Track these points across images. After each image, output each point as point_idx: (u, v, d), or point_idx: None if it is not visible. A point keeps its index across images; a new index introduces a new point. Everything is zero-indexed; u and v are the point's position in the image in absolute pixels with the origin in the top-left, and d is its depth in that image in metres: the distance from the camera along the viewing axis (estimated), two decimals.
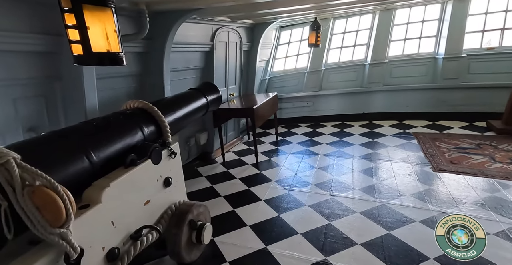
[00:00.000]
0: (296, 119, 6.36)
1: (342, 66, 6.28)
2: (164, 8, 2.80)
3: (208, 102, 3.18)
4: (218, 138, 4.47)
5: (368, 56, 6.04)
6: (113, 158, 1.80)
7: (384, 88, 5.86)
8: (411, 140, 4.61)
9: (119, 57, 1.46)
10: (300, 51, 6.48)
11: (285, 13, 4.28)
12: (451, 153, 3.88)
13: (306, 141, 5.15)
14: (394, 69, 5.90)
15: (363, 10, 5.79)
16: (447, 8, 5.41)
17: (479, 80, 5.19)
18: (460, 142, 4.20)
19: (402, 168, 3.69)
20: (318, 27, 5.09)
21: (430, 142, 4.32)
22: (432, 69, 5.63)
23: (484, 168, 3.36)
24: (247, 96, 5.31)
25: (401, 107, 5.79)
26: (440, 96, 5.45)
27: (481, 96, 5.11)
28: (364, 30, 6.14)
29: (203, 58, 4.18)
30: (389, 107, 5.88)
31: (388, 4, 5.38)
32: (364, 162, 4.01)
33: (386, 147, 4.47)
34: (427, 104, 5.60)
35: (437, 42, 5.63)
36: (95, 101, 2.42)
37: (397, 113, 5.78)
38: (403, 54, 5.93)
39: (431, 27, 5.71)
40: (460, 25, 5.25)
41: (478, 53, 5.25)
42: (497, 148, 3.86)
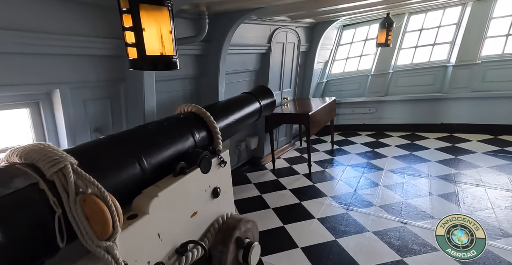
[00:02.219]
0: (355, 126, 5.74)
1: (416, 68, 5.43)
2: (224, 8, 2.70)
3: (262, 107, 2.99)
4: (269, 144, 4.25)
5: (452, 56, 5.08)
6: (164, 165, 1.72)
7: (472, 94, 4.84)
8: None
9: (173, 61, 1.34)
10: (364, 51, 5.84)
11: (351, 9, 3.82)
12: None
13: (367, 153, 4.55)
14: (489, 71, 4.82)
15: (450, 2, 4.89)
16: None
17: None
18: None
19: (503, 197, 2.88)
20: (390, 24, 4.45)
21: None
22: None
23: None
24: (302, 100, 4.97)
25: (496, 118, 4.69)
26: None
27: None
28: (449, 25, 5.20)
29: (259, 60, 4.02)
30: (478, 117, 4.82)
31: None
32: (445, 184, 3.28)
33: (476, 167, 3.61)
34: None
35: None
36: (154, 103, 2.44)
37: (491, 126, 4.69)
38: (504, 53, 4.80)
39: None
40: None
41: None
42: None
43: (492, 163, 3.65)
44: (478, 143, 4.36)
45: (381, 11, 4.55)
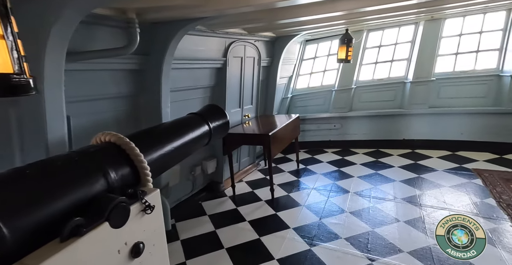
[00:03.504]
0: (321, 143, 5.56)
1: (377, 84, 5.45)
2: (161, 17, 2.31)
3: (212, 129, 2.58)
4: (229, 166, 3.82)
5: (410, 73, 5.17)
6: (45, 226, 1.19)
7: (429, 110, 4.91)
8: (472, 180, 3.59)
9: (16, 82, 0.85)
10: (327, 67, 5.78)
11: (310, 23, 3.66)
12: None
13: (333, 172, 4.32)
14: (443, 88, 4.95)
15: (404, 21, 5.01)
16: None
17: None
18: None
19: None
20: (350, 40, 4.39)
21: (503, 185, 3.30)
22: (495, 90, 4.61)
23: None
24: (265, 118, 4.66)
25: (453, 134, 4.77)
26: (508, 123, 4.38)
27: None
28: (405, 43, 5.32)
29: (214, 75, 3.66)
30: (437, 133, 4.88)
31: (436, 13, 4.56)
32: (411, 208, 3.09)
33: (439, 187, 3.51)
34: (489, 132, 4.53)
35: (501, 57, 4.64)
36: (63, 132, 1.90)
37: (448, 142, 4.76)
38: (454, 71, 4.97)
39: (489, 40, 4.75)
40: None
41: None
42: None
43: (453, 182, 3.58)
44: (438, 160, 4.35)
45: (341, 27, 4.48)
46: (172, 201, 3.32)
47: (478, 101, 4.73)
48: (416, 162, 4.36)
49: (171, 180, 3.10)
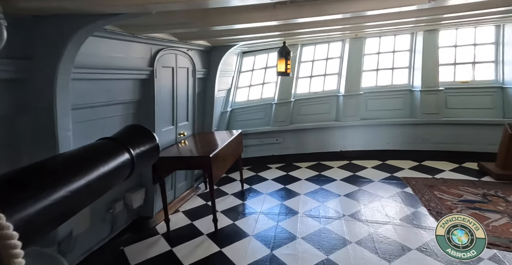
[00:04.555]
0: (264, 158, 5.33)
1: (313, 97, 5.59)
2: (41, 7, 1.64)
3: (134, 157, 1.96)
4: (160, 196, 3.16)
5: (341, 87, 5.47)
6: None
7: (360, 122, 5.24)
8: (404, 189, 3.83)
9: None
10: (266, 79, 5.68)
11: (247, 33, 3.41)
12: (459, 209, 3.14)
13: (280, 191, 4.08)
14: (370, 101, 5.37)
15: (332, 37, 5.30)
16: (417, 39, 5.17)
17: (459, 115, 4.85)
18: (462, 192, 3.53)
19: (411, 235, 2.78)
20: (288, 53, 4.34)
21: (428, 192, 3.58)
22: (409, 103, 5.21)
23: (511, 234, 2.61)
24: (204, 135, 4.16)
25: (381, 144, 5.17)
26: (422, 133, 4.96)
27: (465, 133, 4.72)
28: (335, 58, 5.64)
29: (139, 87, 3.02)
30: (369, 144, 5.22)
31: (359, 32, 4.94)
32: (359, 226, 3.03)
33: (379, 198, 3.61)
34: (408, 142, 5.06)
35: (410, 74, 5.29)
36: None
37: (378, 151, 5.13)
38: (377, 85, 5.47)
39: (403, 58, 5.40)
40: (433, 57, 4.98)
41: (453, 86, 4.97)
42: (507, 200, 3.25)
43: (389, 192, 3.76)
44: (373, 170, 4.60)
45: (277, 39, 4.41)
46: (80, 253, 2.48)
47: (397, 113, 5.27)
48: (354, 173, 4.50)
49: (76, 226, 2.30)
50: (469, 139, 4.66)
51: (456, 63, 5.08)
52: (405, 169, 4.51)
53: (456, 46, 5.09)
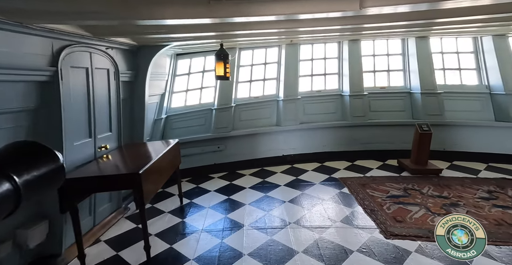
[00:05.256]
0: (206, 168, 4.98)
1: (254, 102, 5.52)
2: None
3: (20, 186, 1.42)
4: (73, 227, 2.53)
5: (280, 92, 5.54)
6: None
7: (300, 126, 5.38)
8: (342, 189, 4.01)
9: None
10: (204, 83, 5.37)
11: (178, 31, 3.07)
12: (388, 205, 3.41)
13: (224, 203, 3.81)
14: (307, 105, 5.58)
15: (269, 42, 5.34)
16: (344, 48, 5.61)
17: (380, 117, 5.41)
18: (388, 188, 3.88)
19: (351, 236, 2.86)
20: (226, 56, 4.14)
21: (362, 191, 3.82)
22: (341, 106, 5.59)
23: (429, 225, 2.95)
24: (133, 147, 3.60)
25: (319, 147, 5.41)
26: (352, 134, 5.36)
27: (386, 133, 5.28)
28: (272, 63, 5.70)
29: (35, 92, 2.39)
30: (308, 147, 5.40)
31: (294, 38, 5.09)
32: (305, 233, 2.98)
33: (321, 201, 3.68)
34: (342, 143, 5.41)
35: (340, 80, 5.70)
36: None
37: (317, 154, 5.34)
38: (312, 90, 5.73)
39: (333, 65, 5.79)
40: (357, 64, 5.45)
41: (374, 91, 5.53)
42: (422, 193, 3.69)
43: (329, 194, 3.89)
44: (313, 172, 4.74)
45: (214, 41, 4.18)
46: None
47: (331, 117, 5.61)
48: (297, 177, 4.55)
49: None
50: (389, 139, 5.24)
51: (375, 70, 5.69)
52: (341, 169, 4.78)
53: (374, 55, 5.70)
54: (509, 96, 4.91)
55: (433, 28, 4.33)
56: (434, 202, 3.42)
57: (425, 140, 4.35)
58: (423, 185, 3.93)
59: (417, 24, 3.74)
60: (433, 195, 3.61)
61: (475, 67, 5.39)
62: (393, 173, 4.49)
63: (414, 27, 4.09)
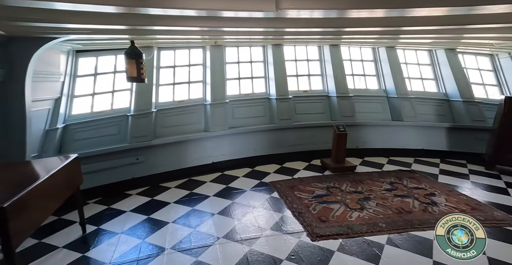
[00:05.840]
0: (121, 184, 4.27)
1: (179, 107, 5.06)
2: None
3: None
4: None
5: (207, 95, 5.25)
6: None
7: (230, 131, 5.19)
8: (272, 194, 3.98)
9: None
10: (117, 86, 4.64)
11: (67, 20, 2.47)
12: (314, 205, 3.51)
13: (141, 225, 3.27)
14: (236, 109, 5.44)
15: (192, 42, 5.01)
16: (268, 52, 5.72)
17: (304, 119, 5.69)
18: (313, 188, 4.03)
19: (281, 243, 2.79)
20: (139, 55, 3.63)
21: (291, 194, 3.86)
22: (269, 110, 5.65)
23: (348, 221, 3.13)
24: (8, 169, 2.71)
25: (249, 151, 5.32)
26: (281, 137, 5.47)
27: (309, 135, 5.57)
28: (198, 65, 5.37)
29: None
30: (238, 152, 5.25)
31: (218, 39, 4.90)
32: (234, 248, 2.77)
33: (251, 209, 3.54)
34: (271, 146, 5.46)
35: (267, 83, 5.77)
36: None
37: (247, 159, 5.24)
38: (240, 94, 5.64)
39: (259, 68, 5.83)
40: (281, 69, 5.62)
41: (297, 95, 5.80)
42: (341, 190, 3.96)
43: (260, 200, 3.80)
44: (244, 178, 4.60)
45: (124, 37, 3.62)
46: None
47: (260, 120, 5.61)
48: (227, 185, 4.32)
49: None
50: (313, 140, 5.56)
51: (298, 75, 5.99)
52: (271, 173, 4.79)
53: (296, 60, 6.00)
54: (400, 99, 5.84)
55: (342, 36, 4.78)
56: (351, 198, 3.70)
57: (342, 140, 4.74)
58: (342, 182, 4.24)
59: (330, 31, 4.04)
60: (350, 191, 3.91)
61: (375, 74, 6.24)
62: (317, 173, 4.73)
63: (327, 35, 4.42)
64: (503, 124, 4.71)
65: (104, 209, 3.65)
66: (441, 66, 6.16)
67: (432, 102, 6.03)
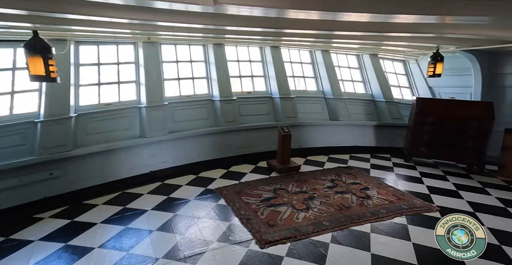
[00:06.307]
0: (29, 206, 3.46)
1: (106, 110, 4.40)
2: None
3: None
4: None
5: (142, 97, 4.70)
6: None
7: (170, 136, 4.75)
8: (218, 201, 3.74)
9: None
10: (19, 86, 3.75)
11: None
12: (262, 210, 3.42)
13: (56, 255, 2.66)
14: (176, 112, 5.02)
15: (120, 37, 4.42)
16: (209, 51, 5.46)
17: (249, 121, 5.62)
18: (261, 191, 3.96)
19: (228, 256, 2.59)
20: (46, 49, 2.97)
21: (238, 199, 3.70)
22: (212, 112, 5.39)
23: (295, 223, 3.14)
24: None
25: (193, 157, 4.97)
26: (226, 140, 5.27)
27: (255, 137, 5.51)
28: (129, 63, 4.77)
29: None
30: (181, 159, 4.84)
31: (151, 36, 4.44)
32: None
33: (196, 221, 3.24)
34: (216, 150, 5.21)
35: (209, 84, 5.51)
36: None
37: (191, 165, 4.88)
38: (181, 95, 5.23)
39: (200, 68, 5.52)
40: (224, 69, 5.44)
41: (241, 96, 5.70)
42: (288, 191, 3.98)
43: (205, 210, 3.53)
44: (187, 187, 4.24)
45: (24, 26, 2.92)
46: None
47: (204, 123, 5.32)
48: (169, 196, 3.91)
49: None
50: (258, 141, 5.53)
51: (241, 75, 5.89)
52: (217, 178, 4.54)
53: (238, 61, 5.89)
54: (336, 99, 6.28)
55: (282, 38, 4.86)
56: (297, 198, 3.75)
57: (286, 141, 4.80)
58: (288, 183, 4.28)
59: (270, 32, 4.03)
60: (296, 191, 3.97)
61: (313, 76, 6.59)
62: (264, 175, 4.69)
63: (268, 36, 4.41)
64: (416, 121, 5.47)
65: (1, 240, 2.87)
66: (367, 69, 6.87)
67: (362, 103, 6.67)
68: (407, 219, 3.26)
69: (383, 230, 3.03)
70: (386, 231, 3.02)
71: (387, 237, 2.89)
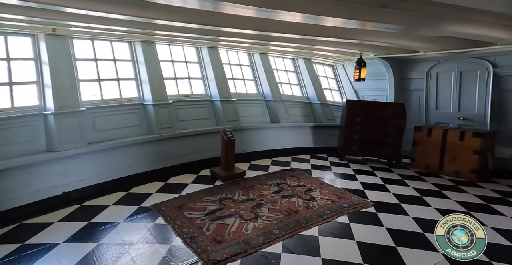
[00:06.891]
0: None
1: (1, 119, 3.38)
2: None
3: None
4: None
5: (48, 101, 3.79)
6: None
7: (90, 148, 3.95)
8: (155, 220, 3.23)
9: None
10: None
11: None
12: (207, 225, 3.09)
13: None
14: (98, 119, 4.24)
15: (7, 26, 3.47)
16: (137, 50, 4.83)
17: (188, 127, 5.18)
18: (205, 204, 3.59)
19: None
20: None
21: (179, 216, 3.27)
22: (145, 118, 4.76)
23: (245, 235, 2.91)
24: None
25: (123, 170, 4.26)
26: (163, 149, 4.71)
27: (196, 143, 5.09)
28: (26, 60, 3.79)
29: None
30: (106, 174, 4.09)
31: (57, 26, 3.63)
32: None
33: (127, 249, 2.67)
34: (152, 160, 4.60)
35: (139, 87, 4.85)
36: None
37: (120, 180, 4.17)
38: (103, 99, 4.44)
39: (127, 68, 4.82)
40: (156, 70, 4.88)
41: (179, 99, 5.22)
42: (234, 200, 3.73)
43: (139, 233, 2.98)
44: (115, 207, 3.56)
45: None
46: None
47: (135, 131, 4.65)
48: (89, 221, 3.19)
49: None
50: (200, 148, 5.14)
51: (176, 77, 5.40)
52: (153, 193, 3.97)
53: (173, 61, 5.40)
54: (276, 102, 6.36)
55: (220, 38, 4.62)
56: (245, 207, 3.54)
57: (230, 146, 4.56)
58: (234, 191, 4.04)
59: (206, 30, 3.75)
60: (243, 200, 3.76)
61: (253, 78, 6.55)
62: (208, 184, 4.33)
63: (204, 34, 4.11)
64: (347, 121, 5.95)
65: None
66: (302, 73, 7.22)
67: (299, 105, 6.95)
68: (348, 218, 3.39)
69: (329, 232, 3.07)
70: (332, 232, 3.07)
71: (333, 239, 2.93)
